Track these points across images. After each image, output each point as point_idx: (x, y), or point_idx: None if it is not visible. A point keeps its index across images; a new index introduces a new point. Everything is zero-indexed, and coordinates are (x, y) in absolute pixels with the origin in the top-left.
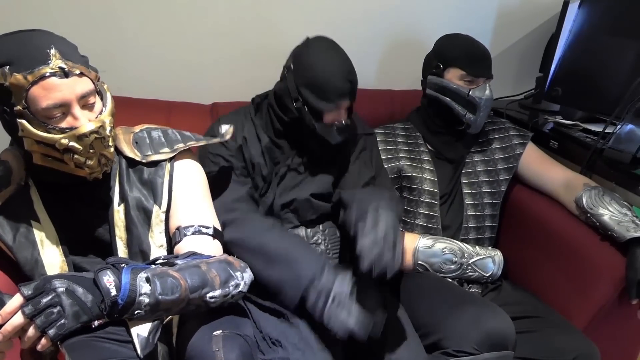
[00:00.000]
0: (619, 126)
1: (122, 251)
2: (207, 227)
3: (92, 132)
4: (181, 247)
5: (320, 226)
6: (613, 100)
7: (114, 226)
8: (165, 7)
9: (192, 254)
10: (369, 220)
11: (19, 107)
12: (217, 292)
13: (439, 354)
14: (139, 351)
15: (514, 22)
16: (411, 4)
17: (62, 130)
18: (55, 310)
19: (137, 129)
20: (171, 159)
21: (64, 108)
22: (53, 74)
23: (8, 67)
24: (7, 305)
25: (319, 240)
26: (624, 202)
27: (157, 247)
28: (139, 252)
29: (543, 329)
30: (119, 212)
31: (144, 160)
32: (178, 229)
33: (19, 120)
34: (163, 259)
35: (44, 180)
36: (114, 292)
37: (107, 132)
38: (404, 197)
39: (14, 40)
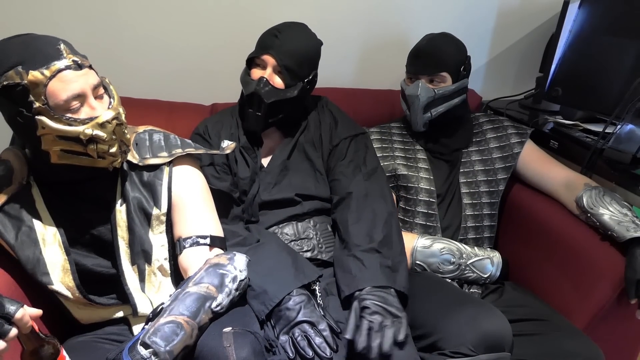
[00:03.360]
0: (619, 126)
1: (124, 251)
2: (205, 237)
3: (113, 118)
4: (182, 260)
5: (311, 221)
6: (613, 100)
7: (116, 226)
8: (167, 7)
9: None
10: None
11: (38, 104)
12: (219, 298)
13: (436, 355)
14: None
15: (514, 22)
16: (413, 4)
17: (82, 122)
18: None
19: (140, 129)
20: (170, 163)
21: (81, 99)
22: (68, 67)
23: (21, 66)
24: None
25: (311, 235)
26: (624, 202)
27: (159, 246)
28: (141, 251)
29: (548, 332)
30: (120, 212)
31: (141, 164)
32: (179, 240)
33: (38, 117)
34: (151, 314)
35: (45, 180)
36: None
37: (124, 119)
38: (400, 196)
39: (19, 42)
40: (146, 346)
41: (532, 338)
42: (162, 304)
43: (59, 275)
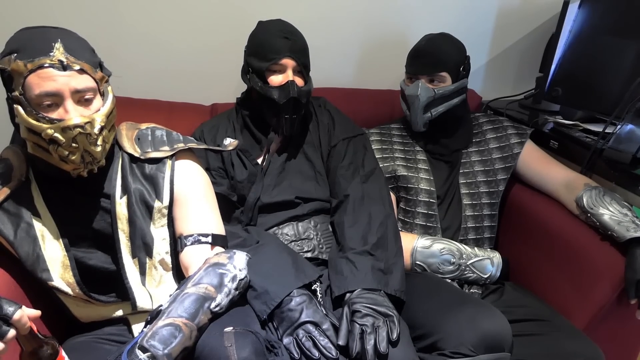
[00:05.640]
0: (619, 126)
1: (124, 244)
2: (206, 236)
3: (76, 126)
4: (183, 257)
5: (312, 221)
6: (613, 100)
7: (116, 219)
8: (167, 7)
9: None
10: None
11: (16, 93)
12: (218, 299)
13: (436, 355)
14: None
15: (514, 22)
16: (413, 4)
17: (50, 121)
18: None
19: (143, 126)
20: (172, 157)
21: (57, 99)
22: (51, 66)
23: (15, 54)
24: None
25: (311, 236)
26: (624, 203)
27: (160, 240)
28: (142, 244)
29: (549, 332)
30: (121, 205)
31: (142, 157)
32: (180, 237)
33: (15, 105)
34: (149, 316)
35: (44, 174)
36: None
37: (95, 130)
38: (400, 197)
39: (29, 32)
40: (144, 350)
41: (532, 338)
42: (161, 306)
43: (59, 271)
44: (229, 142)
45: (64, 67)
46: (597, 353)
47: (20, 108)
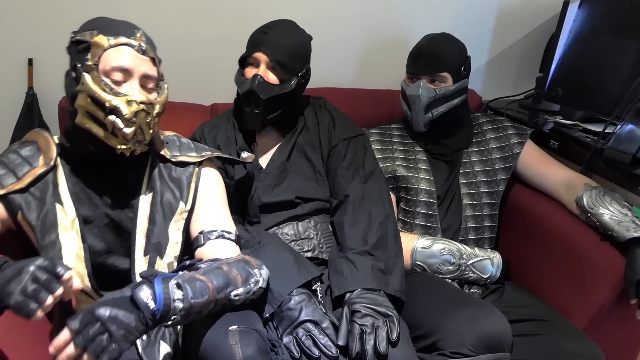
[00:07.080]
0: (619, 126)
1: (140, 241)
2: (230, 233)
3: (141, 102)
4: (204, 251)
5: (312, 221)
6: (613, 100)
7: (137, 215)
8: (167, 8)
9: (213, 260)
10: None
11: (90, 62)
12: (240, 290)
13: (436, 355)
14: (140, 349)
15: (514, 22)
16: (413, 5)
17: (115, 94)
18: (104, 337)
19: (167, 132)
20: (199, 165)
21: (126, 76)
22: (131, 46)
23: (97, 31)
24: (58, 339)
25: (311, 235)
26: (625, 203)
27: (174, 243)
28: (156, 243)
29: (549, 332)
30: (144, 202)
31: (172, 159)
32: (201, 232)
33: (84, 73)
34: (188, 265)
35: (78, 156)
36: (152, 305)
37: (154, 113)
38: (400, 197)
39: (109, 19)
40: (180, 288)
41: (532, 338)
42: (200, 260)
43: (72, 261)
44: (247, 156)
45: (143, 51)
46: (597, 353)
47: (88, 76)
